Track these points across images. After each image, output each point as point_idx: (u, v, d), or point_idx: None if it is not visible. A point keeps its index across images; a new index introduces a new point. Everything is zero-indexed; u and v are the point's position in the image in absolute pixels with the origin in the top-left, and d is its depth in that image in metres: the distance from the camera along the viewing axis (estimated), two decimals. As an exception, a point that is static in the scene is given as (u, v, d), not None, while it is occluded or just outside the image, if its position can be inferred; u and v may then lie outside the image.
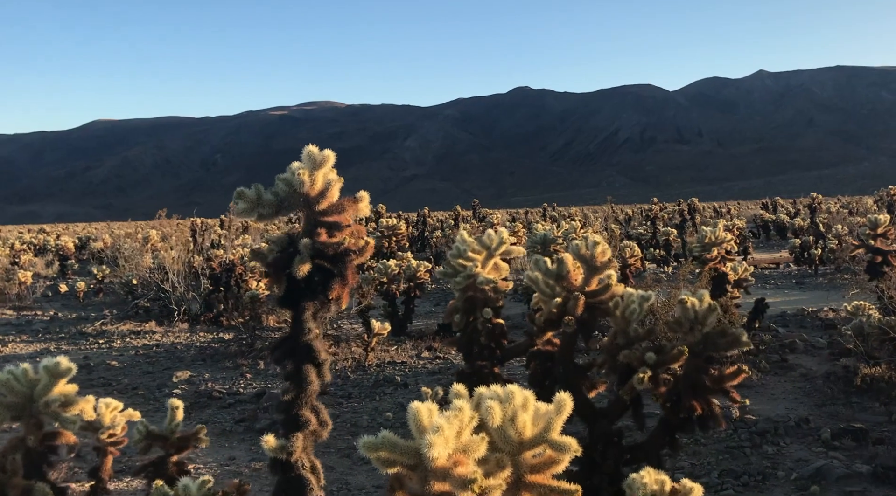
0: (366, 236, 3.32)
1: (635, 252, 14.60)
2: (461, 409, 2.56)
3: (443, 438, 2.36)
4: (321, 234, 3.22)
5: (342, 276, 3.22)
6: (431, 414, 2.59)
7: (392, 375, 9.88)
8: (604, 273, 4.61)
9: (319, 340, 3.32)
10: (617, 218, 41.07)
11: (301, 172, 3.18)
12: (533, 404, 2.92)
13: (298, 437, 3.21)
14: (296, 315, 3.32)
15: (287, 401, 3.29)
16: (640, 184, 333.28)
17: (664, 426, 4.51)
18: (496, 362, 5.56)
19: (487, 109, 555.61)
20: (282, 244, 3.28)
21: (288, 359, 3.34)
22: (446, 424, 2.40)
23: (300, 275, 3.15)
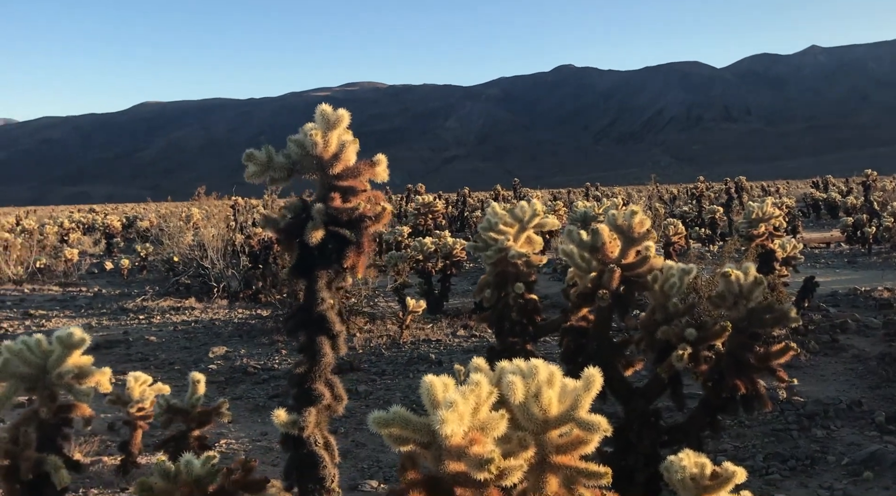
0: (384, 202, 3.14)
1: (679, 230, 14.20)
2: (478, 384, 2.36)
3: (457, 414, 2.18)
4: (335, 199, 3.05)
5: (357, 244, 3.04)
6: (447, 388, 2.40)
7: (426, 353, 9.74)
8: (642, 245, 4.35)
9: (334, 311, 3.16)
10: (661, 197, 40.30)
11: (314, 133, 3.00)
12: (560, 380, 2.71)
13: (311, 412, 3.06)
14: (309, 284, 3.16)
15: (300, 374, 3.14)
16: (686, 163, 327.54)
17: (705, 406, 4.27)
18: (528, 339, 5.36)
19: (530, 88, 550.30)
20: (295, 210, 3.11)
21: (301, 331, 3.19)
22: (461, 400, 2.21)
23: (313, 242, 2.99)
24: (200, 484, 2.76)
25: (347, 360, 9.48)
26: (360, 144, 3.29)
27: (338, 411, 3.25)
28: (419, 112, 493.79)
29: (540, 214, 5.41)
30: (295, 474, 3.13)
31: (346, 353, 9.96)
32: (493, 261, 5.47)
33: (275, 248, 14.97)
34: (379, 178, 3.20)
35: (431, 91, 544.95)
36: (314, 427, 3.09)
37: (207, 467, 2.80)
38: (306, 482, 3.09)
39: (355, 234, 3.05)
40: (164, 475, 2.72)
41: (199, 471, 2.78)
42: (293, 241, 3.08)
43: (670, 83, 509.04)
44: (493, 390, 2.42)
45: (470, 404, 2.27)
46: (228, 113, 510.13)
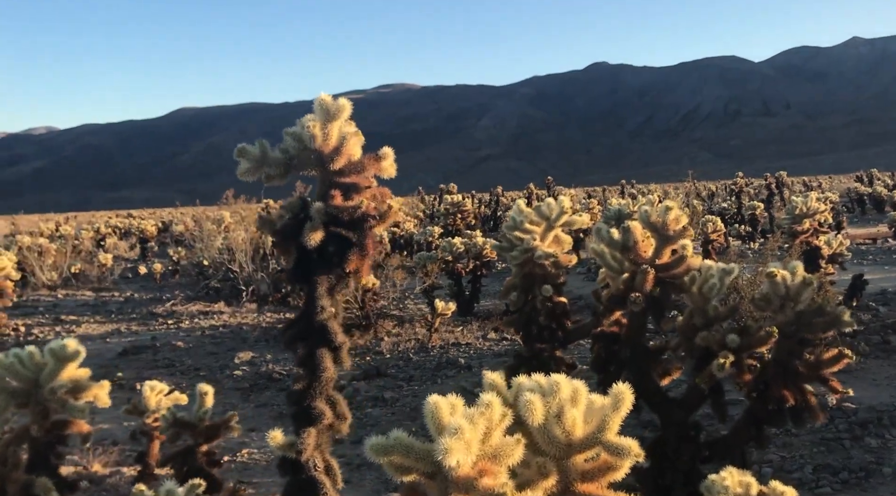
0: (390, 199, 2.86)
1: (718, 227, 13.71)
2: (489, 405, 2.07)
3: (463, 442, 1.89)
4: (335, 197, 2.78)
5: (360, 246, 2.77)
6: (455, 410, 2.12)
7: (455, 357, 9.46)
8: (678, 243, 4.02)
9: (336, 320, 2.90)
10: (699, 193, 39.47)
11: (311, 125, 2.74)
12: (585, 397, 2.41)
13: (311, 433, 2.79)
14: (308, 291, 2.90)
15: (298, 390, 2.88)
16: (724, 159, 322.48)
17: (749, 418, 3.91)
18: (558, 344, 5.04)
19: (563, 86, 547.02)
20: (293, 209, 2.85)
21: (299, 343, 2.93)
22: (468, 425, 1.92)
23: (311, 244, 2.73)
24: (181, 516, 2.52)
25: (374, 365, 9.24)
26: (394, 145, 3.04)
27: (341, 431, 2.98)
28: (452, 112, 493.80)
29: (568, 212, 5.10)
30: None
31: (373, 359, 9.76)
32: (518, 262, 5.17)
33: (303, 250, 14.82)
34: (385, 174, 2.93)
35: (464, 91, 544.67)
36: (313, 449, 2.83)
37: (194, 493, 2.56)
38: (304, 511, 2.84)
39: (358, 235, 2.78)
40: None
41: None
42: (290, 243, 2.83)
43: (707, 78, 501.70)
44: (507, 412, 2.13)
45: (479, 429, 1.99)
46: (264, 117, 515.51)
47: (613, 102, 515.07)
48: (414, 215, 29.42)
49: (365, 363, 9.52)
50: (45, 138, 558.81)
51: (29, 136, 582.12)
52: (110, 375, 9.63)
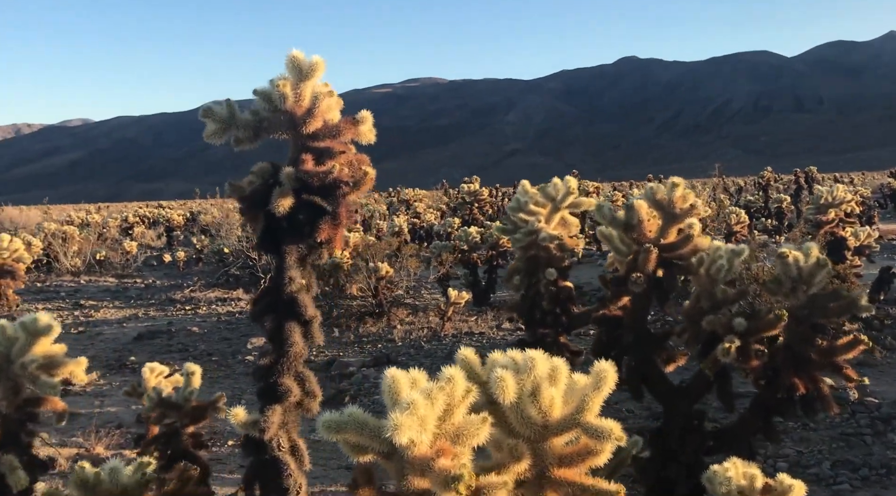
0: (367, 166, 2.70)
1: (742, 219, 13.39)
2: (451, 380, 1.91)
3: (415, 419, 1.73)
4: (306, 162, 2.62)
5: (333, 214, 2.62)
6: (416, 384, 1.96)
7: (468, 346, 9.30)
8: (684, 222, 3.81)
9: (307, 293, 2.74)
10: (727, 188, 38.83)
11: (282, 84, 2.58)
12: (565, 376, 2.24)
13: (275, 411, 2.65)
14: (278, 262, 2.76)
15: (265, 366, 2.73)
16: (754, 156, 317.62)
17: (758, 408, 3.71)
18: (562, 330, 4.86)
19: (592, 81, 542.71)
20: (263, 174, 2.70)
21: (267, 316, 2.78)
22: (422, 401, 1.76)
23: (279, 211, 2.58)
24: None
25: (385, 353, 9.13)
26: (421, 139, 2.88)
27: (312, 410, 2.83)
28: (479, 107, 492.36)
29: (574, 192, 4.91)
30: (256, 483, 2.75)
31: (385, 346, 9.65)
32: (522, 245, 5.00)
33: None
34: (364, 139, 2.77)
35: (492, 85, 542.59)
36: (278, 428, 2.68)
37: (137, 476, 2.42)
38: (268, 492, 2.70)
39: (331, 203, 2.63)
40: (82, 484, 2.34)
41: (126, 481, 2.39)
42: (257, 210, 2.68)
43: (738, 73, 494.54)
44: (471, 388, 1.96)
45: (438, 406, 1.83)
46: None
47: (643, 97, 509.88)
48: (437, 208, 29.27)
49: (376, 350, 9.41)
50: (81, 130, 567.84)
51: (65, 127, 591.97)
52: (123, 359, 9.63)
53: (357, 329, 10.50)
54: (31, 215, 37.79)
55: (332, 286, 13.02)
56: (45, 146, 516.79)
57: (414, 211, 24.11)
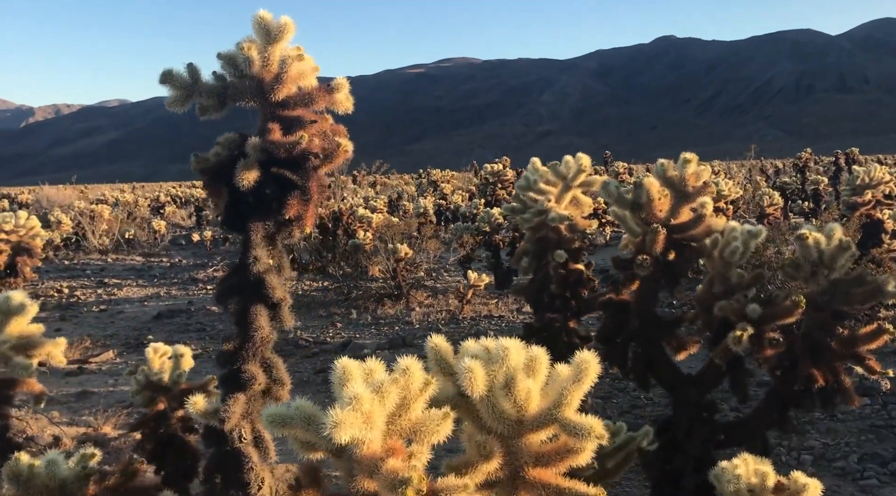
0: (343, 137, 2.50)
1: (775, 200, 12.95)
2: (406, 371, 1.73)
3: (359, 415, 1.55)
4: (273, 131, 2.44)
5: (302, 189, 2.43)
6: (372, 375, 1.78)
7: (486, 329, 9.13)
8: (696, 201, 3.56)
9: (274, 274, 2.57)
10: (764, 170, 37.92)
11: (247, 47, 2.39)
12: (544, 367, 2.03)
13: (238, 400, 2.49)
14: (244, 240, 2.58)
15: (228, 351, 2.57)
16: (795, 137, 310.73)
17: (772, 399, 3.46)
18: (571, 315, 4.64)
19: (628, 60, 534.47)
20: (230, 145, 2.52)
21: (232, 298, 2.62)
22: (368, 395, 1.57)
23: (244, 185, 2.40)
24: (64, 491, 2.24)
25: (401, 336, 8.99)
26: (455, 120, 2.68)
27: (281, 398, 2.66)
28: (513, 87, 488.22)
29: (586, 170, 4.66)
30: (216, 476, 2.60)
31: (402, 329, 9.51)
32: (531, 226, 4.78)
33: (344, 218, 14.64)
34: (340, 108, 2.57)
35: (526, 65, 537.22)
36: (240, 418, 2.52)
37: (77, 469, 2.29)
38: (228, 487, 2.55)
39: (300, 177, 2.44)
40: (14, 478, 2.20)
41: (65, 474, 2.25)
42: (220, 184, 2.51)
43: (779, 52, 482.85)
44: (430, 380, 1.77)
45: (390, 400, 1.64)
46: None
47: (680, 77, 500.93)
48: (466, 189, 29.03)
49: (392, 333, 9.28)
50: (119, 111, 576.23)
51: (103, 108, 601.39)
52: (142, 338, 9.64)
53: (375, 311, 10.37)
54: (67, 194, 38.40)
55: (353, 267, 12.92)
56: (84, 126, 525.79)
57: (441, 192, 23.89)
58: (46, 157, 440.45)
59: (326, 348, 8.79)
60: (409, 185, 35.71)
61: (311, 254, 15.26)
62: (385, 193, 27.66)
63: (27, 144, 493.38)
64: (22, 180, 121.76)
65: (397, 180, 41.70)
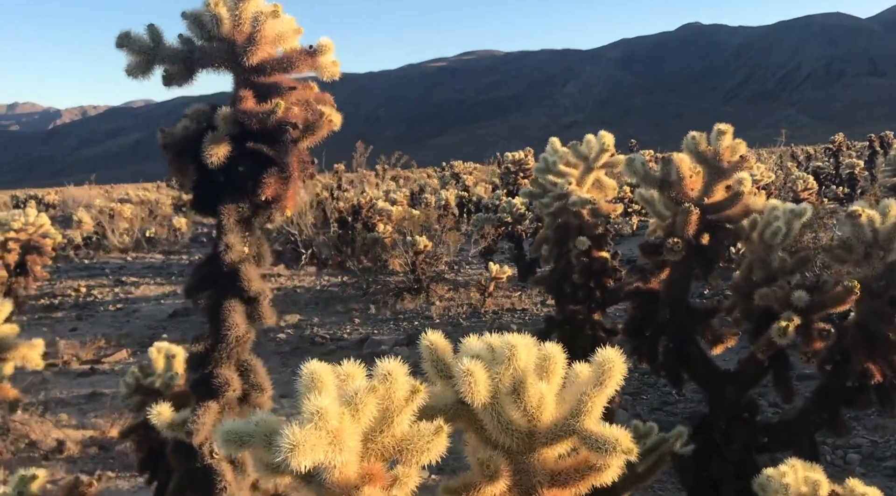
0: (327, 106, 2.19)
1: (809, 185, 12.44)
2: (389, 377, 1.42)
3: (323, 434, 1.24)
4: (245, 100, 2.14)
5: (280, 165, 2.13)
6: (350, 381, 1.47)
7: (508, 323, 8.80)
8: (732, 178, 3.20)
9: (250, 264, 2.27)
10: (795, 156, 37.05)
11: (214, 3, 2.09)
12: (560, 367, 1.71)
13: (208, 409, 2.19)
14: (217, 225, 2.29)
15: (197, 353, 2.27)
16: (825, 123, 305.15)
17: (822, 397, 3.11)
18: (595, 306, 4.30)
19: (653, 49, 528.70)
20: (198, 117, 2.22)
21: (204, 291, 2.32)
22: (334, 410, 1.26)
23: (212, 162, 2.10)
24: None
25: (420, 331, 8.70)
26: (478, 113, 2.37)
27: (262, 405, 2.36)
28: (537, 78, 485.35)
29: (610, 149, 4.31)
30: None
31: (421, 323, 9.23)
32: (551, 211, 4.44)
33: (363, 212, 14.38)
34: (325, 74, 2.27)
35: (549, 56, 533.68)
36: (211, 430, 2.22)
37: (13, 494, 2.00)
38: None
39: (277, 152, 2.14)
40: None
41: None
42: (186, 160, 2.21)
43: (808, 37, 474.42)
44: (419, 388, 1.46)
45: (367, 414, 1.33)
46: (348, 87, 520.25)
47: (707, 65, 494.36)
48: (489, 181, 28.67)
49: (412, 328, 8.99)
50: (144, 111, 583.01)
51: (128, 108, 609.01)
52: (156, 336, 9.45)
53: (394, 305, 10.09)
54: (92, 194, 38.68)
55: (372, 261, 12.66)
56: (110, 127, 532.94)
57: (463, 184, 23.55)
58: (74, 159, 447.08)
59: (343, 345, 8.53)
60: (431, 177, 35.41)
61: (330, 249, 15.04)
62: (407, 186, 27.41)
63: (55, 146, 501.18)
64: (51, 182, 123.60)
65: (419, 173, 41.43)
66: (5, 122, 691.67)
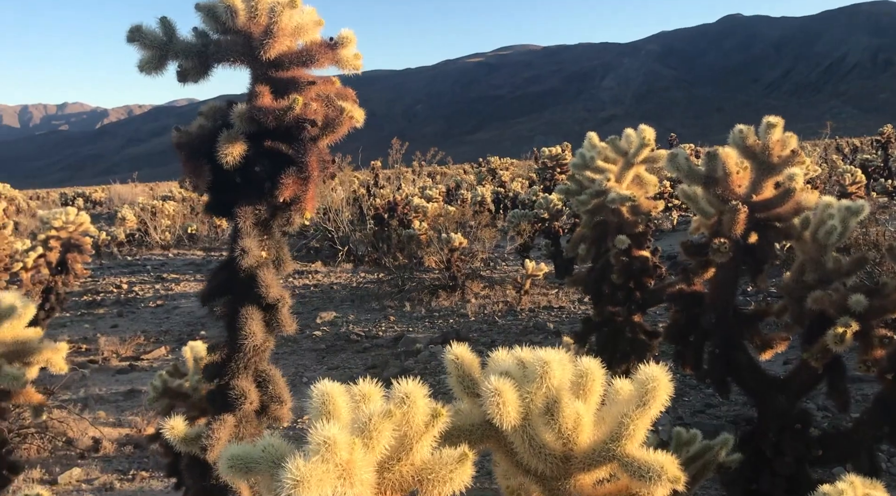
0: (349, 101, 2.08)
1: (857, 178, 12.01)
2: (407, 400, 1.29)
3: (330, 467, 1.12)
4: (261, 96, 2.03)
5: (298, 165, 2.02)
6: (367, 402, 1.35)
7: (544, 321, 8.63)
8: (783, 174, 3.01)
9: (268, 269, 2.16)
10: (839, 148, 36.06)
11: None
12: (599, 385, 1.57)
13: (224, 423, 2.09)
14: (232, 229, 2.19)
15: (214, 363, 2.17)
16: (872, 114, 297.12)
17: (882, 407, 2.90)
18: (635, 308, 4.12)
19: (693, 42, 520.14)
20: (214, 115, 2.13)
21: (220, 298, 2.22)
22: (342, 440, 1.14)
23: (227, 161, 2.00)
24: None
25: (455, 329, 8.58)
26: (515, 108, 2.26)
27: (281, 418, 2.25)
28: (574, 72, 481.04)
29: (650, 144, 4.13)
30: None
31: (457, 321, 9.10)
32: (589, 209, 4.28)
33: (398, 208, 14.30)
34: (346, 66, 2.15)
35: (587, 50, 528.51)
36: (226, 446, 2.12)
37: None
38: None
39: (295, 150, 2.03)
40: None
41: None
42: (200, 161, 2.11)
43: (854, 26, 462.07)
44: (441, 412, 1.33)
45: (380, 442, 1.21)
46: (385, 84, 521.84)
47: (748, 57, 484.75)
48: (525, 177, 28.43)
49: (447, 326, 8.88)
50: (187, 110, 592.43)
51: (172, 107, 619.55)
52: (195, 333, 9.50)
53: (429, 303, 9.99)
54: (136, 191, 39.37)
55: (408, 258, 12.57)
56: (154, 126, 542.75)
57: (499, 180, 23.36)
58: (121, 157, 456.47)
59: (378, 343, 8.46)
60: (468, 174, 35.26)
61: (366, 246, 15.01)
62: (444, 183, 27.31)
63: (102, 145, 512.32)
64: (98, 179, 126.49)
65: (456, 169, 41.31)
66: (56, 121, 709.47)
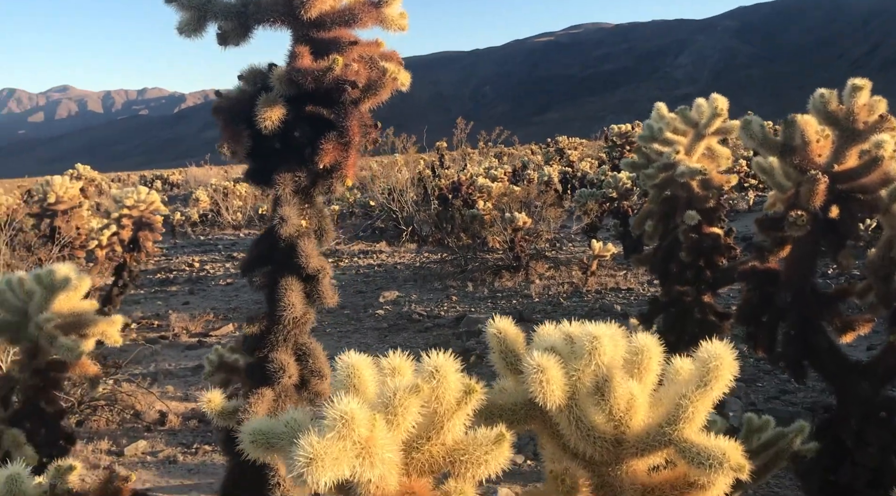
0: (394, 62, 1.96)
1: (952, 155, 11.24)
2: (436, 373, 1.18)
3: (348, 445, 1.02)
4: (301, 57, 1.94)
5: (339, 129, 1.92)
6: (397, 374, 1.25)
7: (611, 303, 8.41)
8: (869, 141, 2.76)
9: (309, 239, 2.08)
10: (932, 125, 34.17)
11: (267, -49, 1.89)
12: (656, 363, 1.43)
13: (262, 396, 2.03)
14: (273, 197, 2.11)
15: (253, 335, 2.11)
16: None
17: (978, 398, 2.65)
18: (705, 287, 3.92)
19: (772, 17, 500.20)
20: (254, 79, 2.05)
21: (258, 269, 2.15)
22: (362, 415, 1.04)
23: (266, 126, 1.92)
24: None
25: (518, 310, 8.45)
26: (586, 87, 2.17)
27: (321, 393, 2.17)
28: (647, 50, 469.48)
29: (723, 114, 3.90)
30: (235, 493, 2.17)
31: (520, 302, 8.96)
32: (656, 183, 4.08)
33: (462, 188, 14.19)
34: (391, 26, 2.04)
35: (660, 27, 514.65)
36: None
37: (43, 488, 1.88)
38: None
39: (336, 114, 1.93)
40: None
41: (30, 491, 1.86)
42: (239, 126, 2.04)
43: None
44: (475, 388, 1.22)
45: (407, 420, 1.10)
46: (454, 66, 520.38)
47: (832, 32, 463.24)
48: (595, 157, 27.91)
49: (510, 306, 8.76)
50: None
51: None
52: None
53: (492, 283, 9.87)
54: (211, 174, 40.47)
55: (471, 238, 12.47)
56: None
57: (567, 159, 22.99)
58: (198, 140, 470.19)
59: (440, 323, 8.40)
60: (535, 154, 34.86)
61: (430, 226, 14.98)
62: (510, 163, 27.06)
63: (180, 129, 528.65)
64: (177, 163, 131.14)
65: (524, 149, 40.90)
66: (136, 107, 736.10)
